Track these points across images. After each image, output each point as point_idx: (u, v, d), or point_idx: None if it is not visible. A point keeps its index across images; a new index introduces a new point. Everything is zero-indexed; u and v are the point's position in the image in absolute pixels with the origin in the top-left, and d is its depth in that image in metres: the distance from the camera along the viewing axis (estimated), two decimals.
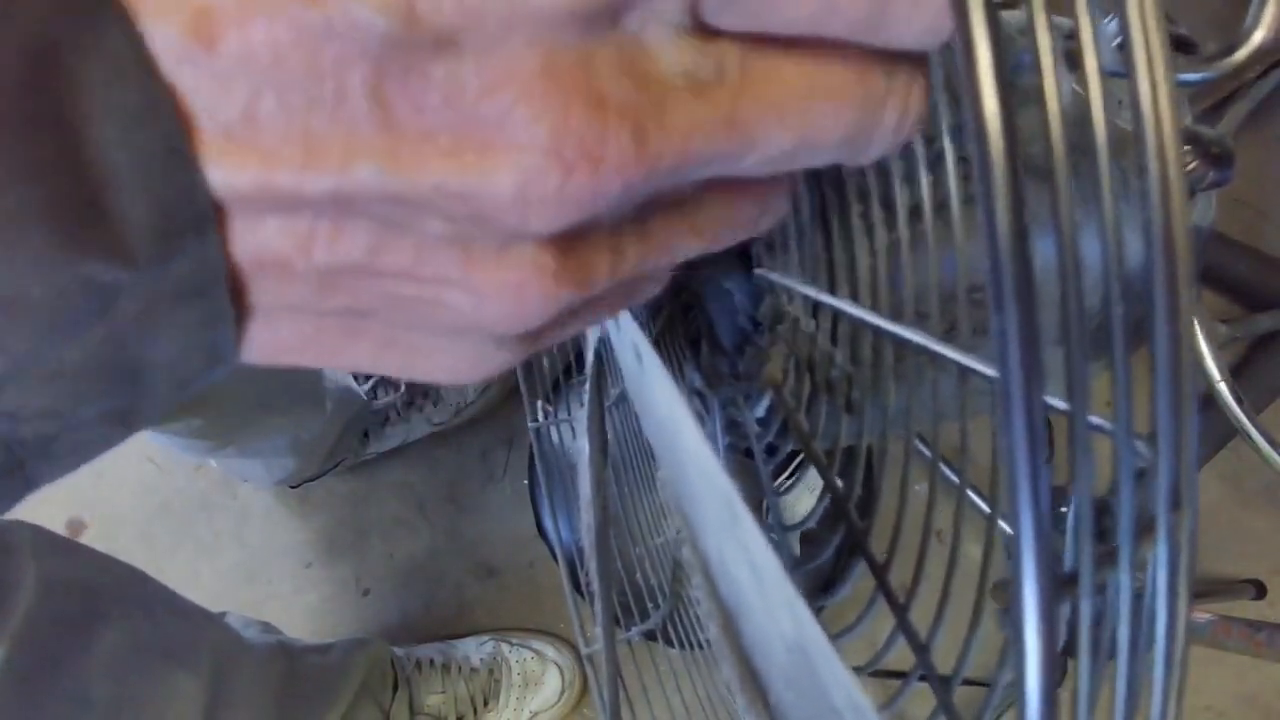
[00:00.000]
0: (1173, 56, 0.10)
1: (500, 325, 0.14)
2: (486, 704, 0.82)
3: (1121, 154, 0.12)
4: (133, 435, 0.15)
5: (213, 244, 0.12)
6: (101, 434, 0.14)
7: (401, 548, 0.95)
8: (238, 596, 0.94)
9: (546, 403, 0.63)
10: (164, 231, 0.11)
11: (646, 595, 0.48)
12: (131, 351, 0.12)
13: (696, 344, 0.36)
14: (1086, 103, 0.11)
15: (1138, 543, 0.10)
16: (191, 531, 0.96)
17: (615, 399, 0.43)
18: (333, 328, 0.14)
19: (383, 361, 0.15)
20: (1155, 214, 0.09)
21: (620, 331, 0.27)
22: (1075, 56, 0.13)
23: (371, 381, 0.90)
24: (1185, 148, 0.25)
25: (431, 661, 0.82)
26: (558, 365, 0.67)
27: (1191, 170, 0.24)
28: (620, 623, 0.47)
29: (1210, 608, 0.74)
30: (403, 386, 0.91)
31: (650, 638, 0.49)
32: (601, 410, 0.41)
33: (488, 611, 0.92)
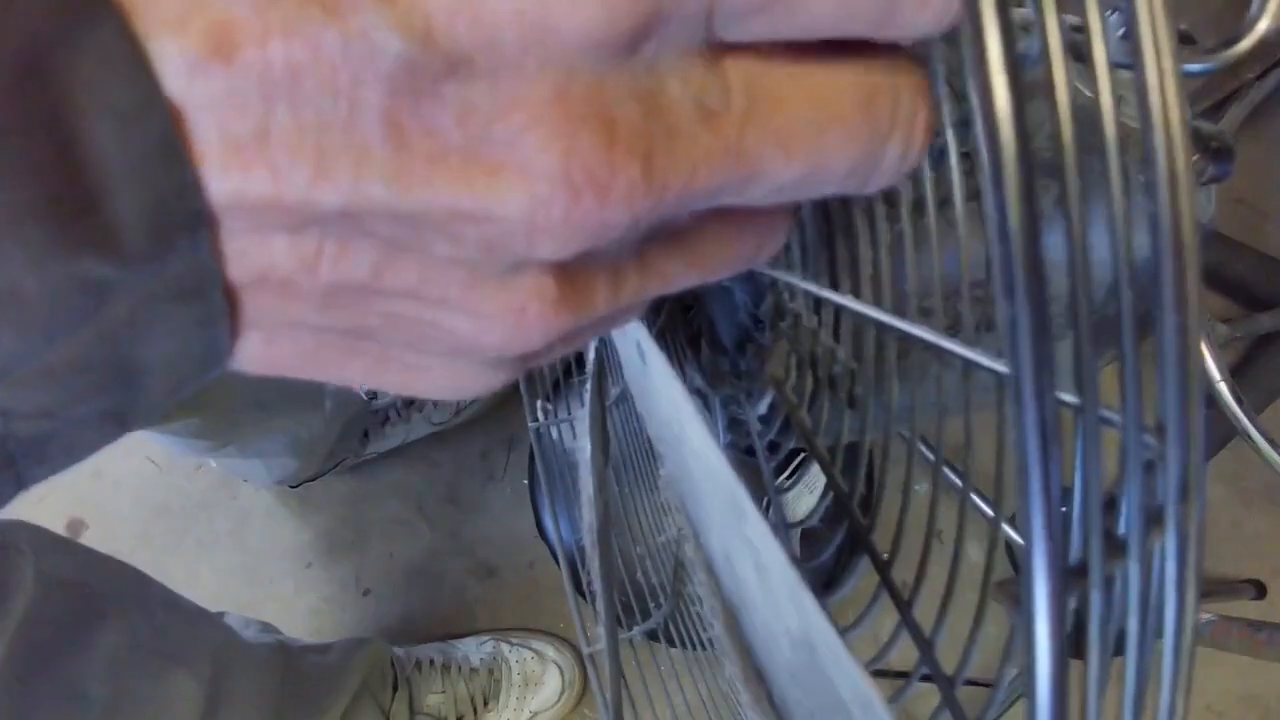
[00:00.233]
0: (1178, 47, 0.10)
1: (499, 349, 0.14)
2: (486, 704, 0.82)
3: (1124, 150, 0.12)
4: (127, 434, 0.15)
5: (205, 244, 0.12)
6: (95, 433, 0.14)
7: (401, 548, 0.95)
8: (238, 596, 0.94)
9: (547, 402, 0.63)
10: (156, 229, 0.11)
11: (648, 594, 0.48)
12: (125, 350, 0.12)
13: (697, 342, 0.36)
14: (1091, 97, 0.11)
15: (1146, 534, 0.10)
16: (191, 531, 0.96)
17: (616, 398, 0.43)
18: (332, 344, 0.14)
19: (380, 378, 0.15)
20: (1163, 199, 0.09)
21: (623, 331, 0.27)
22: (1080, 49, 0.13)
23: None
24: None
25: (431, 661, 0.82)
26: (558, 365, 0.67)
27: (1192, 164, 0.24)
28: (622, 622, 0.47)
29: (1210, 608, 0.74)
30: None
31: (652, 637, 0.49)
32: (603, 409, 0.41)
33: (488, 611, 0.92)
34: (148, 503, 0.96)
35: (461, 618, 0.92)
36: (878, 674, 0.22)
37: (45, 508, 0.94)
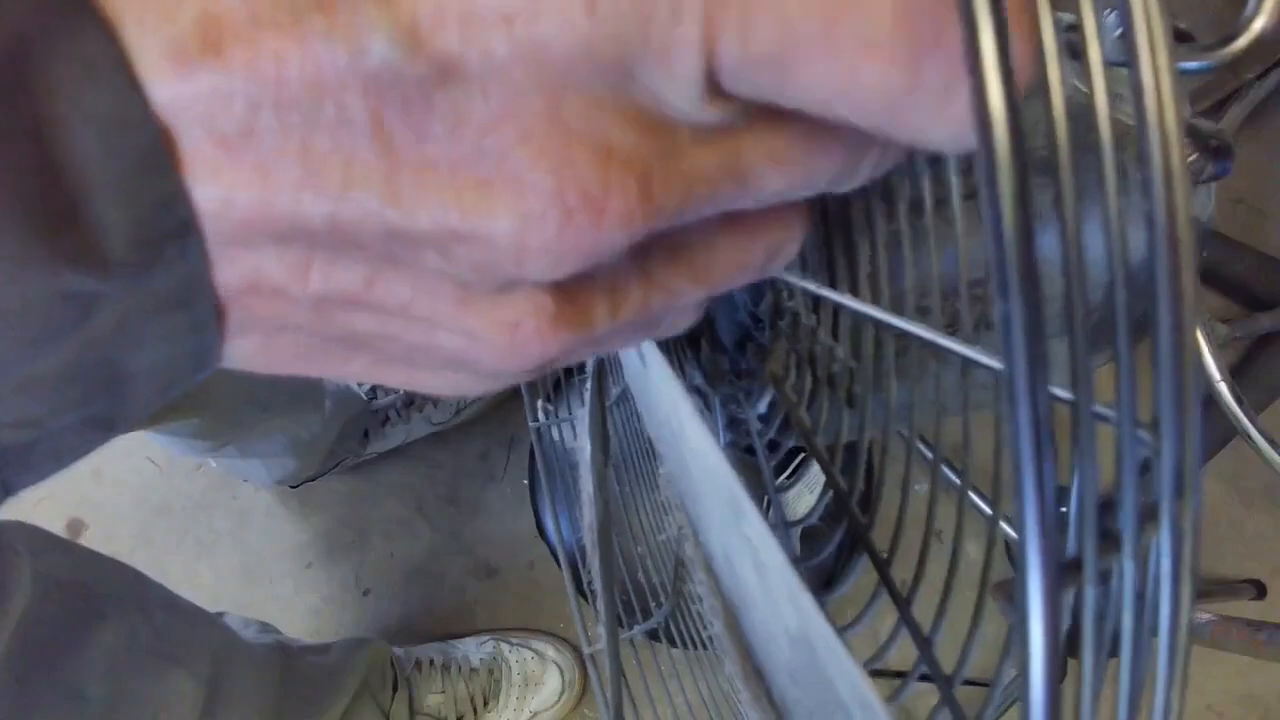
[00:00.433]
0: (1174, 45, 0.10)
1: (493, 366, 0.14)
2: (486, 704, 0.82)
3: (1121, 149, 0.12)
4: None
5: (194, 252, 0.11)
6: (82, 439, 0.13)
7: (401, 548, 0.95)
8: (238, 597, 0.94)
9: (547, 402, 0.63)
10: (142, 240, 0.11)
11: (649, 593, 0.48)
12: (112, 359, 0.12)
13: (696, 341, 0.36)
14: (1086, 95, 0.11)
15: (1141, 530, 0.10)
16: (191, 531, 0.96)
17: (616, 397, 0.43)
18: (329, 346, 0.14)
19: (382, 377, 0.15)
20: (1158, 195, 0.09)
21: None
22: (1075, 48, 0.13)
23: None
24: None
25: (431, 661, 0.82)
26: None
27: (1190, 162, 0.24)
28: (622, 621, 0.47)
29: (1210, 608, 0.74)
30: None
31: (653, 636, 0.49)
32: (603, 408, 0.41)
33: (488, 611, 0.92)
34: (148, 503, 0.96)
35: (461, 618, 0.92)
36: (876, 673, 0.22)
37: (45, 508, 0.94)
